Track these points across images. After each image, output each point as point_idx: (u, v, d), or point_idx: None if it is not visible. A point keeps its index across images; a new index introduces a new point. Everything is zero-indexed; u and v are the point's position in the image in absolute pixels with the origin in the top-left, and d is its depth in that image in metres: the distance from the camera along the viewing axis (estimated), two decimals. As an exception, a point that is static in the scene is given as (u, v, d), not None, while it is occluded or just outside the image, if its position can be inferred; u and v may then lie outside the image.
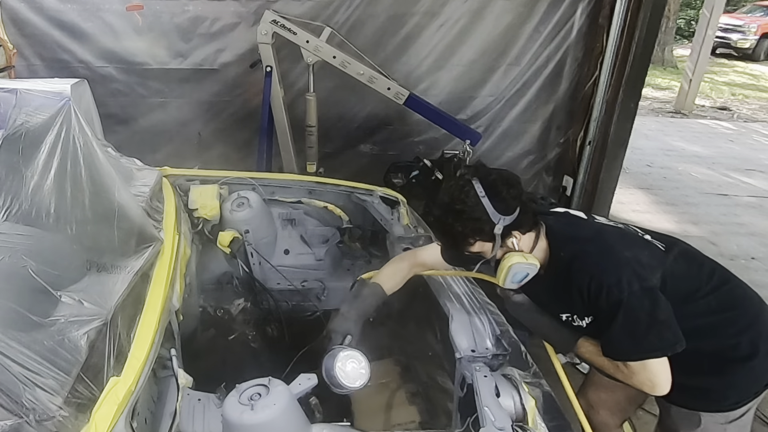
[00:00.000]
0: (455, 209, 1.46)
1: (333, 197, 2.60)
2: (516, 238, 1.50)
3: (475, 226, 1.45)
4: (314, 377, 1.41)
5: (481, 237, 1.47)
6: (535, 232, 1.55)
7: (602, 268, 1.44)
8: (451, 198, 1.48)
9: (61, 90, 2.53)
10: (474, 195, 1.45)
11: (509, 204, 1.46)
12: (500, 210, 1.45)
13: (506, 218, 1.46)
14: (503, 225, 1.45)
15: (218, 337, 2.33)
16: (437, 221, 1.55)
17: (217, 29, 3.64)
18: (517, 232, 1.49)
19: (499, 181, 1.47)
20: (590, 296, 1.44)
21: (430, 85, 3.92)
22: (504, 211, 1.45)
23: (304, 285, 2.56)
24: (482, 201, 1.44)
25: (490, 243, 1.49)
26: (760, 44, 14.29)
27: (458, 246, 1.51)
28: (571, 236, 1.57)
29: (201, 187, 2.42)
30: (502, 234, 1.46)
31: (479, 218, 1.44)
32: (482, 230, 1.46)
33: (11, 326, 1.06)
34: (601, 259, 1.47)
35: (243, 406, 1.24)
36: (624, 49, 3.65)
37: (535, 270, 1.50)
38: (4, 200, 1.25)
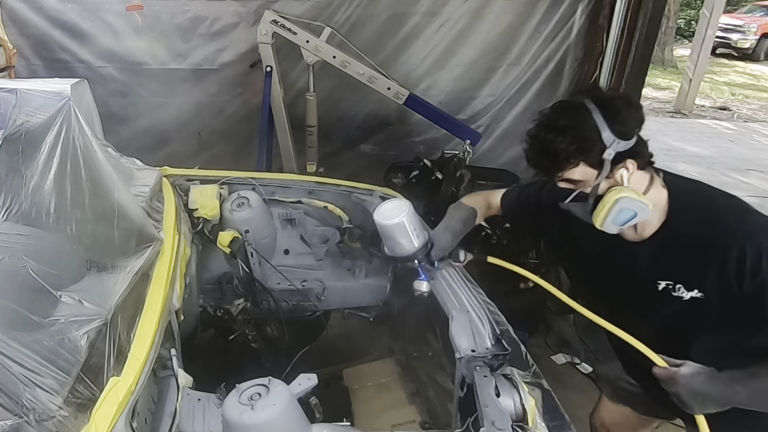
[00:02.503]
0: (559, 125, 1.27)
1: (333, 197, 2.60)
2: (628, 170, 1.27)
3: (583, 144, 1.24)
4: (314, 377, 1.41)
5: (587, 159, 1.26)
6: (650, 174, 1.32)
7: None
8: (555, 113, 1.31)
9: (61, 90, 2.53)
10: (584, 110, 1.24)
11: (628, 125, 1.24)
12: (616, 132, 1.23)
13: (621, 142, 1.23)
14: (616, 150, 1.23)
15: (218, 337, 2.33)
16: (533, 139, 1.34)
17: (217, 29, 3.64)
18: (631, 162, 1.26)
19: (619, 99, 1.27)
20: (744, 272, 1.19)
21: (430, 85, 3.91)
22: (620, 135, 1.23)
23: (304, 285, 2.56)
24: (594, 117, 1.22)
25: (595, 170, 1.27)
26: (760, 44, 14.30)
27: (556, 167, 1.30)
28: (707, 195, 1.36)
29: (201, 187, 2.42)
30: (612, 160, 1.24)
31: (588, 136, 1.23)
32: (590, 150, 1.24)
33: (11, 326, 1.06)
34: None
35: (243, 406, 1.24)
36: (624, 49, 3.64)
37: (647, 213, 1.26)
38: (4, 200, 1.25)
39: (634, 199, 1.25)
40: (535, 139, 1.33)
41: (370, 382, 2.35)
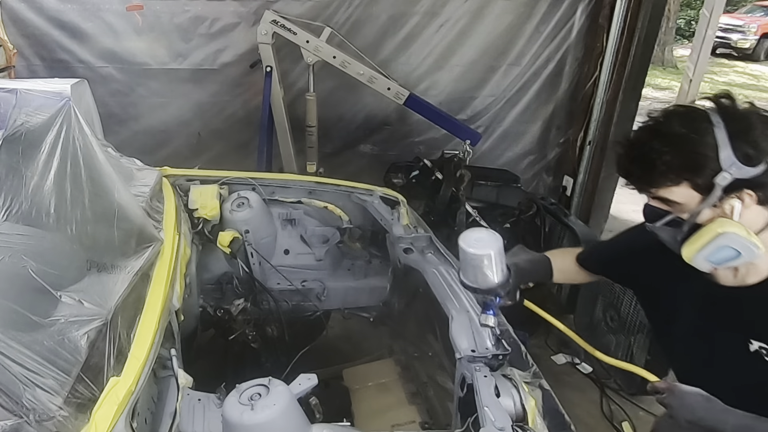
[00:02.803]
0: (669, 132, 1.05)
1: (333, 197, 2.60)
2: (742, 202, 1.04)
3: (692, 160, 1.03)
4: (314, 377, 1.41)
5: (693, 179, 1.04)
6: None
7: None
8: (667, 117, 1.08)
9: (61, 90, 2.53)
10: (706, 120, 1.03)
11: (759, 149, 1.01)
12: (739, 153, 1.00)
13: (744, 168, 1.00)
14: (734, 176, 1.01)
15: (218, 337, 2.33)
16: (632, 144, 1.11)
17: (217, 29, 3.64)
18: (750, 193, 1.03)
19: (754, 115, 1.04)
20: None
21: (430, 85, 3.91)
22: (744, 158, 1.00)
23: (304, 285, 2.56)
24: (715, 131, 1.01)
25: (699, 194, 1.05)
26: (760, 44, 14.28)
27: (649, 180, 1.09)
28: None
29: (201, 187, 2.42)
30: (726, 187, 1.02)
31: (701, 152, 1.02)
32: (700, 170, 1.02)
33: (11, 326, 1.06)
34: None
35: (243, 406, 1.24)
36: (624, 49, 3.64)
37: (753, 255, 1.04)
38: (4, 200, 1.25)
39: (742, 237, 1.02)
40: (635, 144, 1.09)
41: (370, 382, 2.35)
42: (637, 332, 2.68)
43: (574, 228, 3.22)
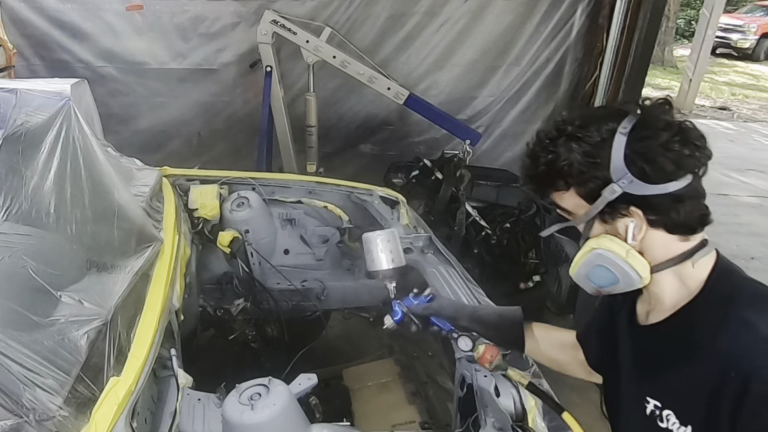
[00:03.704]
0: (568, 131, 0.93)
1: (333, 197, 2.60)
2: (635, 224, 0.91)
3: (583, 167, 0.91)
4: (314, 377, 1.41)
5: (580, 187, 0.93)
6: (691, 246, 0.93)
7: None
8: (577, 116, 0.95)
9: (61, 90, 2.53)
10: (612, 125, 0.90)
11: (657, 164, 0.88)
12: (634, 166, 0.88)
13: (636, 182, 0.87)
14: (624, 189, 0.88)
15: (218, 337, 2.33)
16: (536, 142, 0.98)
17: (217, 29, 3.64)
18: (638, 212, 0.90)
19: (673, 128, 0.91)
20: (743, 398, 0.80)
21: (430, 85, 3.92)
22: (640, 172, 0.87)
23: (304, 285, 2.55)
24: (615, 139, 0.89)
25: (586, 205, 0.94)
26: (760, 44, 14.28)
27: (542, 184, 0.99)
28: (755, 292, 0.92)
29: (201, 187, 2.42)
30: (613, 202, 0.90)
31: (592, 159, 0.90)
32: (585, 176, 0.91)
33: (11, 326, 1.06)
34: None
35: (243, 406, 1.24)
36: (624, 49, 3.65)
37: (632, 282, 0.93)
38: (4, 200, 1.25)
39: (615, 256, 0.92)
40: (536, 143, 0.98)
41: (370, 382, 2.35)
42: (637, 332, 2.67)
43: (574, 228, 3.21)
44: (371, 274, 1.46)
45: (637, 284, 0.93)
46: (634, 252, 0.92)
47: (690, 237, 0.93)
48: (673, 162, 0.88)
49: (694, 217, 0.92)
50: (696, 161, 0.91)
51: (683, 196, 0.89)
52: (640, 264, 0.92)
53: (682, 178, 0.89)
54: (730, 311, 0.87)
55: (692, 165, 0.90)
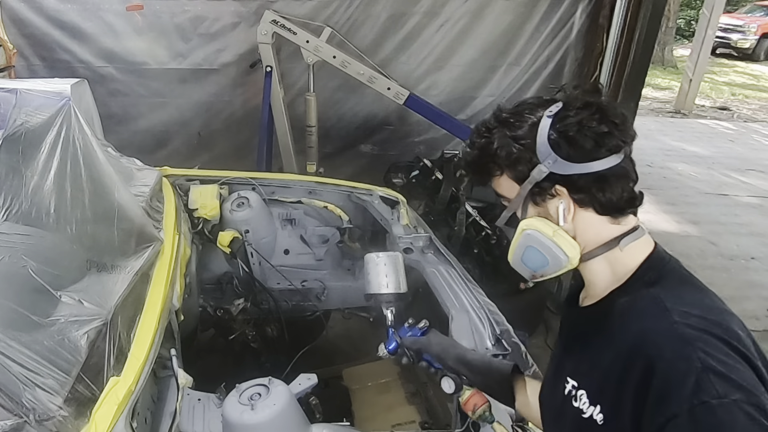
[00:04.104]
0: (502, 117, 0.96)
1: (333, 197, 2.60)
2: (564, 205, 0.92)
3: (513, 150, 0.94)
4: (314, 377, 1.41)
5: (511, 171, 0.96)
6: (623, 231, 0.93)
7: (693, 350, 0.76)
8: (515, 104, 0.98)
9: (61, 90, 2.53)
10: (542, 107, 0.94)
11: (580, 143, 0.88)
12: (558, 148, 0.89)
13: (560, 162, 0.89)
14: (551, 169, 0.90)
15: (218, 337, 2.33)
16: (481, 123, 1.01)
17: (217, 29, 3.64)
18: (563, 190, 0.91)
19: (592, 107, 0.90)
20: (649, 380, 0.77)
21: (430, 85, 3.92)
22: (563, 152, 0.89)
23: (304, 285, 2.56)
24: (542, 122, 0.92)
25: (516, 186, 0.96)
26: (760, 44, 14.29)
27: (479, 168, 1.01)
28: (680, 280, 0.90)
29: (201, 187, 2.42)
30: (542, 182, 0.92)
31: (521, 141, 0.93)
32: (517, 161, 0.94)
33: (11, 326, 1.06)
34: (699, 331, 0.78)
35: (243, 406, 1.24)
36: (624, 49, 3.64)
37: (560, 263, 0.93)
38: (4, 200, 1.25)
39: (542, 236, 0.93)
40: (474, 129, 1.01)
41: (370, 382, 2.35)
42: (637, 332, 2.68)
43: (574, 228, 3.22)
44: (369, 297, 1.37)
45: (564, 265, 0.94)
46: (562, 232, 0.93)
47: (620, 220, 0.93)
48: (593, 140, 0.89)
49: (623, 198, 0.91)
50: (616, 140, 0.89)
51: (608, 175, 0.89)
52: (567, 244, 0.92)
53: (606, 157, 0.89)
54: (648, 295, 0.87)
55: (613, 144, 0.89)
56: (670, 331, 0.79)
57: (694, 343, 0.76)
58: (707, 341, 0.76)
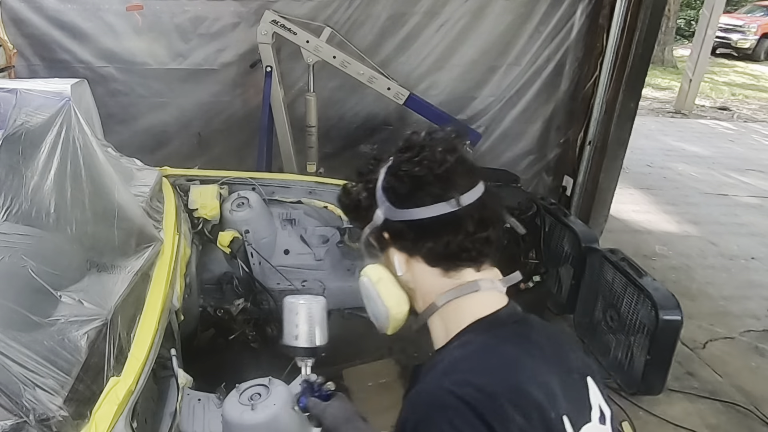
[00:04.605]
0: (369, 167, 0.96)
1: (333, 197, 2.60)
2: (397, 255, 0.89)
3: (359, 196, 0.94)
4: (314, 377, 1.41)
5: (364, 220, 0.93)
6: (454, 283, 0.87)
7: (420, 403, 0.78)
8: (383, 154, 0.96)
9: (61, 90, 2.53)
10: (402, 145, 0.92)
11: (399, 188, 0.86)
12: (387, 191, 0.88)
13: (390, 207, 0.86)
14: (385, 215, 0.88)
15: (218, 337, 2.33)
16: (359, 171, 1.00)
17: (217, 29, 3.64)
18: (389, 239, 0.89)
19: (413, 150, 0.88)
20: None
21: (430, 85, 3.91)
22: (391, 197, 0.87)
23: (304, 285, 2.56)
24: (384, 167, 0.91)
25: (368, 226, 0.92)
26: (760, 44, 14.30)
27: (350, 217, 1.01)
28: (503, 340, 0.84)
29: (201, 187, 2.42)
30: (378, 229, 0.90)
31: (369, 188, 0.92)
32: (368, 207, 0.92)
33: (11, 326, 1.06)
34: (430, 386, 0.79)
35: (243, 406, 1.24)
36: (624, 49, 3.64)
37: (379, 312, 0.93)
38: (4, 200, 1.25)
39: (369, 282, 0.92)
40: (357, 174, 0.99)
41: (370, 382, 2.35)
42: (637, 332, 2.68)
43: (574, 228, 3.22)
44: (286, 348, 1.22)
45: (383, 314, 0.92)
46: (388, 282, 0.90)
47: (452, 274, 0.87)
48: (409, 185, 0.85)
49: (449, 249, 0.85)
50: (435, 188, 0.83)
51: (431, 224, 0.83)
52: (389, 294, 0.90)
53: (429, 205, 0.83)
54: (446, 357, 0.83)
55: (433, 191, 0.83)
56: (433, 395, 0.77)
57: (446, 412, 0.73)
58: (463, 414, 0.72)
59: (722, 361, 3.16)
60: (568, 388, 0.83)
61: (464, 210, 0.84)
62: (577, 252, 3.15)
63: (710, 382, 2.98)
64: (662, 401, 2.76)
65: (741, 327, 3.50)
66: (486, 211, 0.87)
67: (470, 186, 0.86)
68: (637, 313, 2.67)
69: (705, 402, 2.83)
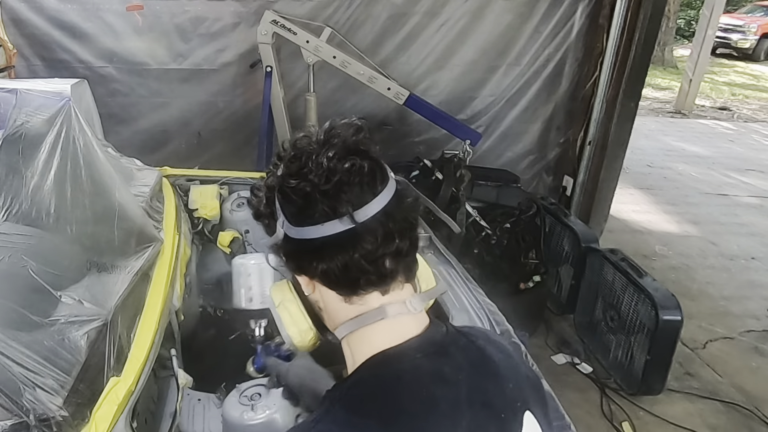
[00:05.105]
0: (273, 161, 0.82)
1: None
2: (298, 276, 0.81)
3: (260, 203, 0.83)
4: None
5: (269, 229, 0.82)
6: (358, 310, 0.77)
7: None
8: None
9: (61, 90, 2.53)
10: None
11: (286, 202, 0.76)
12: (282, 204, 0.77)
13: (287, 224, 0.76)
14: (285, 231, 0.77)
15: (218, 337, 2.33)
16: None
17: (217, 29, 3.64)
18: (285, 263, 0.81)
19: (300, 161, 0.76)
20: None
21: (430, 85, 3.92)
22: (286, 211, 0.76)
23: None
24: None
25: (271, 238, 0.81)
26: (760, 44, 14.30)
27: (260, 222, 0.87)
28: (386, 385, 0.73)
29: (201, 187, 2.42)
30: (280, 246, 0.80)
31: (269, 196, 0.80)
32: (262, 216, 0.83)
33: (11, 326, 1.06)
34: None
35: (243, 406, 1.24)
36: (624, 49, 3.65)
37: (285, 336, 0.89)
38: (4, 200, 1.25)
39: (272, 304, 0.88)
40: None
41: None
42: (637, 332, 2.68)
43: (574, 228, 3.22)
44: (237, 312, 1.13)
45: (287, 339, 0.87)
46: (291, 305, 0.85)
47: (353, 300, 0.76)
48: (299, 199, 0.74)
49: (344, 273, 0.74)
50: (321, 205, 0.72)
51: (324, 244, 0.73)
52: (289, 318, 0.85)
53: (321, 223, 0.72)
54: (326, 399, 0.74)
55: (320, 209, 0.73)
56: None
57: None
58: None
59: (722, 361, 3.16)
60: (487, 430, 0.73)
61: (363, 226, 0.72)
62: (577, 252, 3.16)
63: (710, 382, 2.98)
64: (662, 401, 2.76)
65: (741, 327, 3.50)
66: (393, 222, 0.76)
67: (369, 198, 0.74)
68: (637, 313, 2.68)
69: (705, 402, 2.83)
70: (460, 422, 0.70)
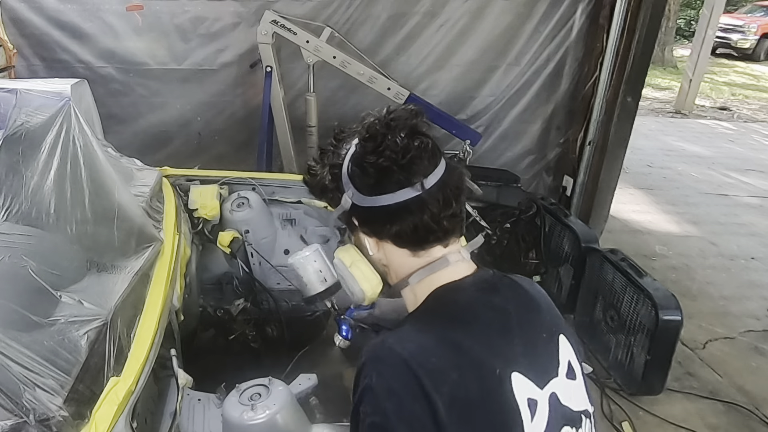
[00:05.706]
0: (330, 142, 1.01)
1: (333, 197, 2.60)
2: (367, 238, 0.97)
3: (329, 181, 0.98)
4: (314, 377, 1.41)
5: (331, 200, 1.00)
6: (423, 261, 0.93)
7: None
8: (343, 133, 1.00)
9: (61, 90, 2.53)
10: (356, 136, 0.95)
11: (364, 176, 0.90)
12: (352, 178, 0.92)
13: (357, 194, 0.91)
14: (353, 200, 0.93)
15: (218, 337, 2.33)
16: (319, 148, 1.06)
17: (217, 29, 3.64)
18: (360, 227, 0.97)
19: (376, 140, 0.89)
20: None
21: (430, 85, 3.92)
22: (357, 184, 0.91)
23: (304, 285, 2.55)
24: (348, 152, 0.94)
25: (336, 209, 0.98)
26: (760, 44, 14.29)
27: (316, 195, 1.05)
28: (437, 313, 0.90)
29: (201, 187, 2.42)
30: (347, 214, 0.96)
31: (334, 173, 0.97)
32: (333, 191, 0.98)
33: (11, 326, 1.06)
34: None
35: (243, 406, 1.24)
36: (624, 49, 3.65)
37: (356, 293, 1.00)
38: (4, 200, 1.25)
39: (342, 265, 0.99)
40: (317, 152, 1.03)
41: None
42: (637, 332, 2.68)
43: (573, 228, 3.22)
44: (310, 299, 1.31)
45: (359, 296, 0.99)
46: (361, 264, 0.97)
47: (420, 254, 0.93)
48: (375, 173, 0.89)
49: (416, 232, 0.90)
50: (397, 175, 0.87)
51: (397, 209, 0.88)
52: (362, 276, 0.97)
53: (393, 191, 0.88)
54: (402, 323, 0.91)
55: (396, 179, 0.88)
56: (374, 346, 0.84)
57: (378, 363, 0.82)
58: (393, 367, 0.80)
59: (722, 361, 3.16)
60: (532, 348, 0.89)
61: (428, 192, 0.88)
62: (577, 252, 3.15)
63: (710, 382, 2.98)
64: (662, 401, 2.76)
65: (741, 327, 3.50)
66: (449, 188, 0.90)
67: (432, 168, 0.89)
68: (637, 313, 2.67)
69: (705, 402, 2.83)
70: (512, 340, 0.86)
